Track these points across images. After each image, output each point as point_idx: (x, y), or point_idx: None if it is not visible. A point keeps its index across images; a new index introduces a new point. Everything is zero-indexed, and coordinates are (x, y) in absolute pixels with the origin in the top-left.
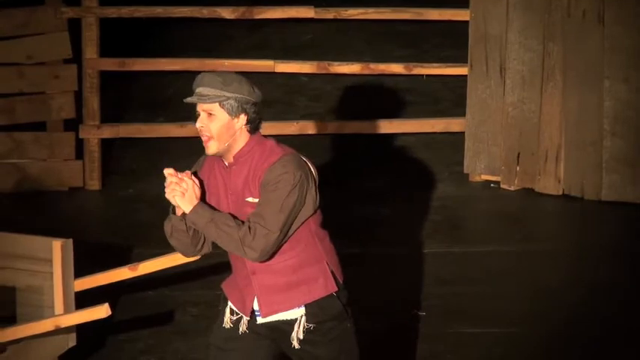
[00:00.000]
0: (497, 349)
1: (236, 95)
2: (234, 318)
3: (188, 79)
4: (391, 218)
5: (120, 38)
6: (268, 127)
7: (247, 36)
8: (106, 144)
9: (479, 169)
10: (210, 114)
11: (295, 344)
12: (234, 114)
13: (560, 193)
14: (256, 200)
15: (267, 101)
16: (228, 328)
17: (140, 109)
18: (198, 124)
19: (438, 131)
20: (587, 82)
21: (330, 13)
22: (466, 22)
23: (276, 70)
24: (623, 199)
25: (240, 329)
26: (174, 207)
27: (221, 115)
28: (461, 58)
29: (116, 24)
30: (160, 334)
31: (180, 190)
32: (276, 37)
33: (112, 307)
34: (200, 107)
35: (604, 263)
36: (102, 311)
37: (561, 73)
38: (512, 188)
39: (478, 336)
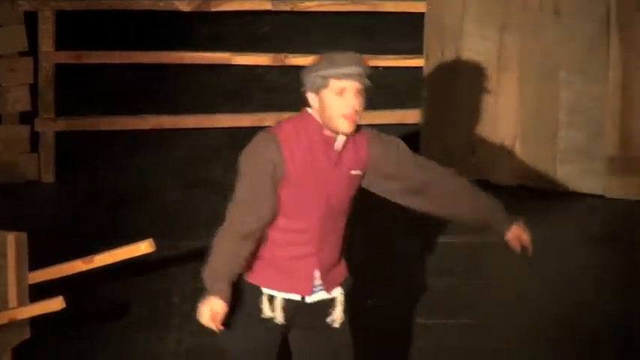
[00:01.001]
0: (453, 341)
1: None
2: (275, 306)
3: (144, 72)
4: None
5: (76, 31)
6: (225, 120)
7: (204, 29)
8: (62, 137)
9: (435, 159)
10: (360, 95)
11: (337, 323)
12: (365, 95)
13: (516, 184)
14: (360, 172)
15: (224, 93)
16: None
17: (97, 102)
18: (349, 102)
19: (394, 122)
20: (544, 73)
21: (287, 6)
22: (422, 14)
23: (232, 63)
24: (579, 189)
25: (278, 318)
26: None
27: (364, 95)
28: (417, 50)
29: (73, 17)
30: (116, 327)
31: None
32: (233, 29)
33: (66, 299)
34: (352, 85)
35: (561, 254)
36: (56, 304)
37: (517, 64)
38: (468, 179)
39: (436, 327)
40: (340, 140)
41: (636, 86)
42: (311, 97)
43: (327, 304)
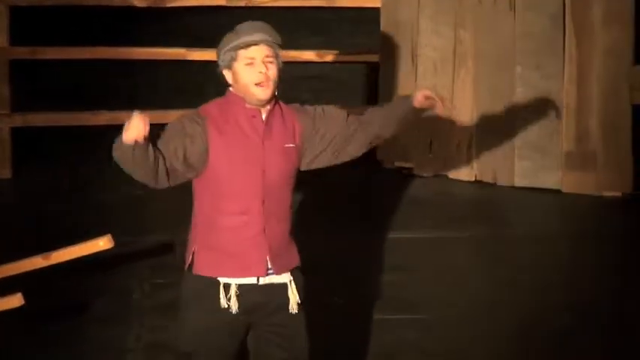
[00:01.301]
0: (410, 335)
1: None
2: (230, 295)
3: (100, 68)
4: (302, 205)
5: (31, 27)
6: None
7: (159, 24)
8: (18, 133)
9: (392, 155)
10: (270, 61)
11: (294, 308)
12: (280, 63)
13: (474, 179)
14: (293, 145)
15: (179, 89)
16: (222, 310)
17: (52, 98)
18: (258, 69)
19: None
20: (499, 68)
21: (241, 1)
22: (377, 9)
23: (187, 58)
24: (535, 184)
25: (233, 308)
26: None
27: (276, 62)
28: (372, 46)
29: (27, 12)
30: (75, 324)
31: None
32: (188, 25)
33: (24, 296)
34: (260, 51)
35: (520, 248)
36: (15, 300)
37: (473, 59)
38: (425, 175)
39: (391, 322)
40: (263, 110)
41: (591, 81)
42: (226, 74)
43: (280, 288)
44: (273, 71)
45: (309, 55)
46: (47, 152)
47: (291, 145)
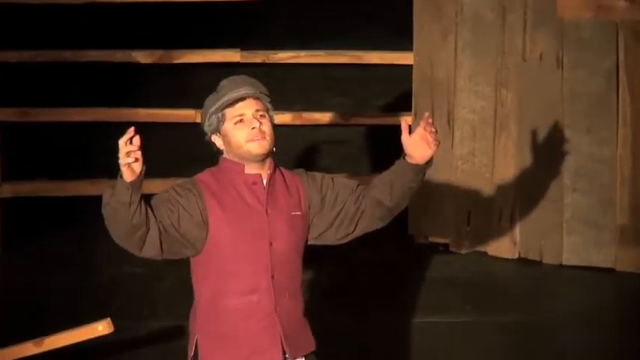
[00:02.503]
0: None
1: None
2: None
3: (98, 131)
4: (324, 284)
5: (22, 86)
6: None
7: (165, 83)
8: (8, 204)
9: (425, 229)
10: (262, 115)
11: None
12: (273, 118)
13: (517, 256)
14: (299, 213)
15: (189, 155)
16: None
17: (45, 166)
18: (250, 125)
19: None
20: (545, 132)
21: (258, 57)
22: (409, 67)
23: (197, 121)
24: (586, 262)
25: None
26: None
27: (268, 115)
28: (404, 107)
29: (18, 70)
30: None
31: (136, 157)
32: (198, 83)
33: None
34: (249, 107)
35: (568, 335)
36: (104, 327)
37: (516, 122)
38: (462, 251)
39: None
40: (264, 175)
41: None
42: (216, 139)
43: None
44: (266, 125)
45: (332, 118)
46: (40, 224)
47: (298, 213)
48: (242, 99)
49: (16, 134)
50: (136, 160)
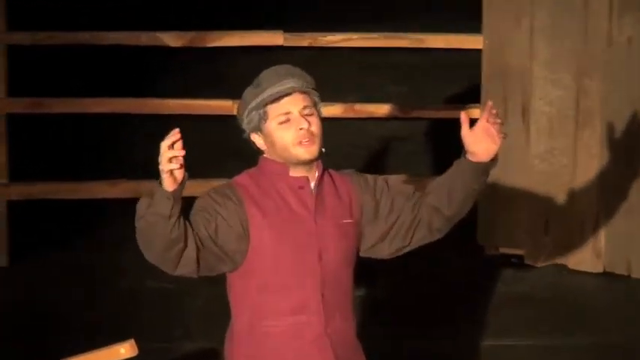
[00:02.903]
0: None
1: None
2: None
3: (120, 124)
4: (388, 299)
5: (34, 73)
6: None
7: (198, 69)
8: (16, 207)
9: (496, 239)
10: (310, 112)
11: None
12: (321, 113)
13: (601, 270)
14: (351, 221)
15: (229, 154)
16: None
17: (58, 165)
18: (297, 125)
19: None
20: (635, 127)
21: (304, 40)
22: (478, 52)
23: (235, 113)
24: None
25: None
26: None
27: (316, 112)
28: (472, 98)
29: (30, 54)
30: None
31: (180, 162)
32: (235, 70)
33: None
34: (295, 103)
35: None
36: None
37: (601, 116)
38: (539, 264)
39: None
40: (311, 178)
41: None
42: (256, 138)
43: None
44: (315, 125)
45: (390, 110)
46: (52, 230)
47: (349, 221)
48: (287, 94)
49: (26, 128)
50: (180, 166)
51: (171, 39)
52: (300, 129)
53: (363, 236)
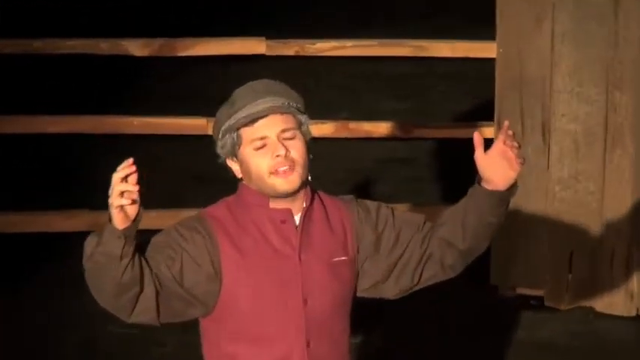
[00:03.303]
0: None
1: (305, 110)
2: None
3: (79, 146)
4: (377, 347)
5: None
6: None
7: (168, 82)
8: None
9: (512, 278)
10: (290, 136)
11: None
12: (307, 134)
13: (633, 313)
14: (345, 258)
15: (203, 180)
16: None
17: (11, 192)
18: (274, 152)
19: None
20: None
21: (290, 48)
22: (491, 61)
23: (209, 133)
24: None
25: None
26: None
27: (299, 134)
28: (484, 114)
29: None
30: None
31: (133, 198)
32: (211, 83)
33: None
34: (272, 126)
35: None
36: None
37: (633, 135)
38: (562, 307)
39: None
40: (295, 209)
41: None
42: (233, 165)
43: None
44: (297, 150)
45: (390, 129)
46: (2, 268)
47: (343, 258)
48: (263, 115)
49: None
50: (132, 202)
51: (137, 47)
52: (277, 156)
53: (362, 274)
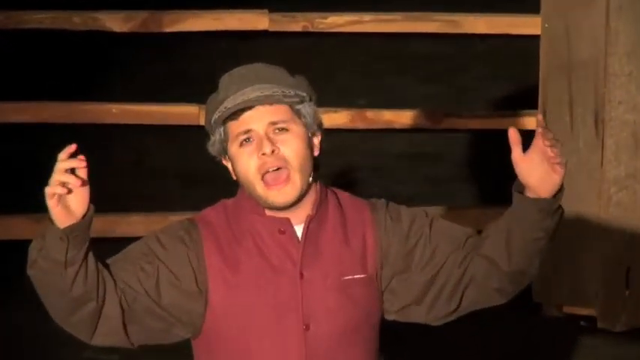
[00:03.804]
0: None
1: (311, 97)
2: None
3: (49, 136)
4: None
5: None
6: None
7: (153, 64)
8: None
9: (558, 296)
10: (282, 126)
11: None
12: (311, 127)
13: None
14: (363, 276)
15: (198, 175)
16: None
17: None
18: (263, 149)
19: None
20: None
21: (297, 23)
22: (535, 39)
23: (202, 123)
24: None
25: None
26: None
27: (297, 127)
28: (525, 101)
29: None
30: None
31: (74, 183)
32: (203, 65)
33: None
34: (258, 118)
35: None
36: None
37: None
38: (616, 329)
39: None
40: (295, 218)
41: None
42: (227, 164)
43: None
44: (290, 147)
45: (416, 118)
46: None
47: (358, 277)
48: (248, 106)
49: None
50: (69, 191)
51: (116, 22)
52: (263, 154)
53: (389, 294)
